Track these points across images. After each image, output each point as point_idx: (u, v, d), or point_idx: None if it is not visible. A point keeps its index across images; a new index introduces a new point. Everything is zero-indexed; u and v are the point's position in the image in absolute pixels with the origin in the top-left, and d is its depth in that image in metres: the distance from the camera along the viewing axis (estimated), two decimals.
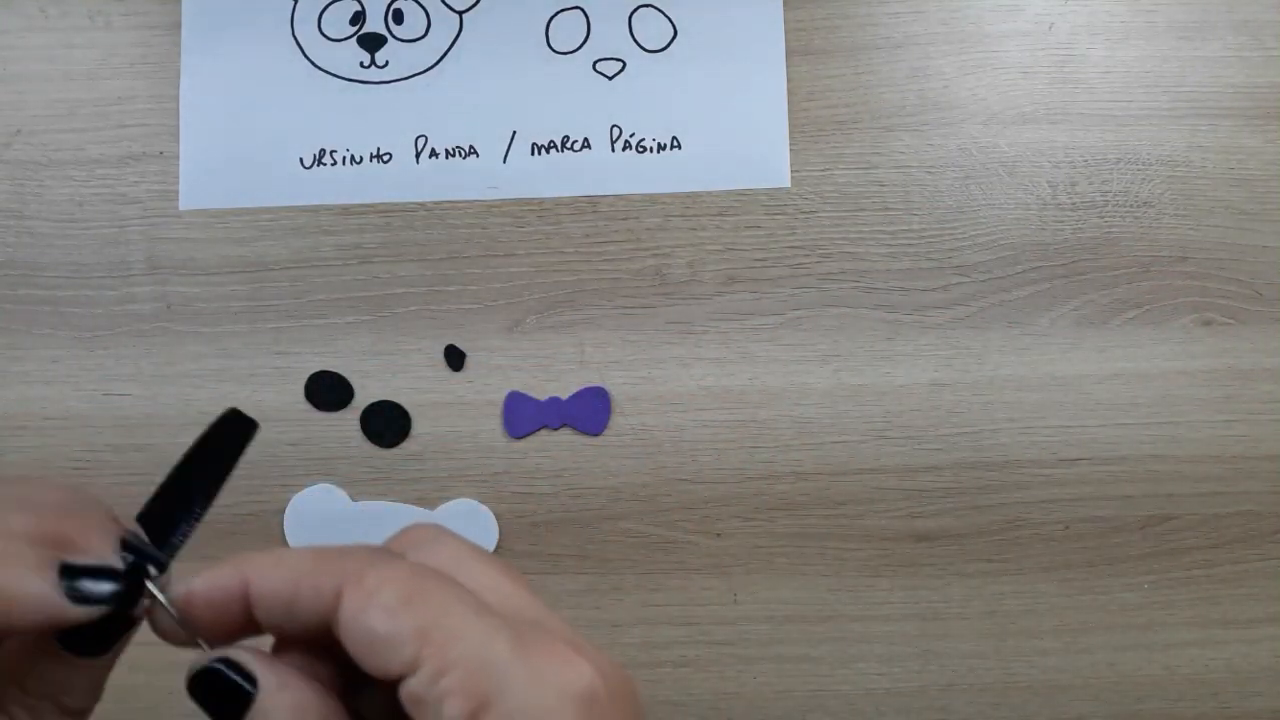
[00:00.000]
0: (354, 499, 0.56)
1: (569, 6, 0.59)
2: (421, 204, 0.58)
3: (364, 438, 0.57)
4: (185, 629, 0.23)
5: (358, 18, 0.59)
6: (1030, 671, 0.56)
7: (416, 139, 0.58)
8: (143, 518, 0.24)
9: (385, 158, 0.58)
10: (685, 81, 0.58)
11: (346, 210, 0.58)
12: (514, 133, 0.58)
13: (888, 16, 0.59)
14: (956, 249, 0.57)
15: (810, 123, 0.58)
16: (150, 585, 0.23)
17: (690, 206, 0.58)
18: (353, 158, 0.58)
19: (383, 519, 0.56)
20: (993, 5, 0.59)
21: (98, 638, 0.23)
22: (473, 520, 0.56)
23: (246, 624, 0.23)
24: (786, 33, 0.58)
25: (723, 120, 0.58)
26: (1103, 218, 0.58)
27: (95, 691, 0.26)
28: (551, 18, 0.59)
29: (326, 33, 0.59)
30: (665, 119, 0.58)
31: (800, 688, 0.56)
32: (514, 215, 0.58)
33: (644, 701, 0.25)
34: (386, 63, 0.59)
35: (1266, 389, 0.57)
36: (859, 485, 0.57)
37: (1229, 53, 0.58)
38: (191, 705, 0.23)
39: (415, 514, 0.56)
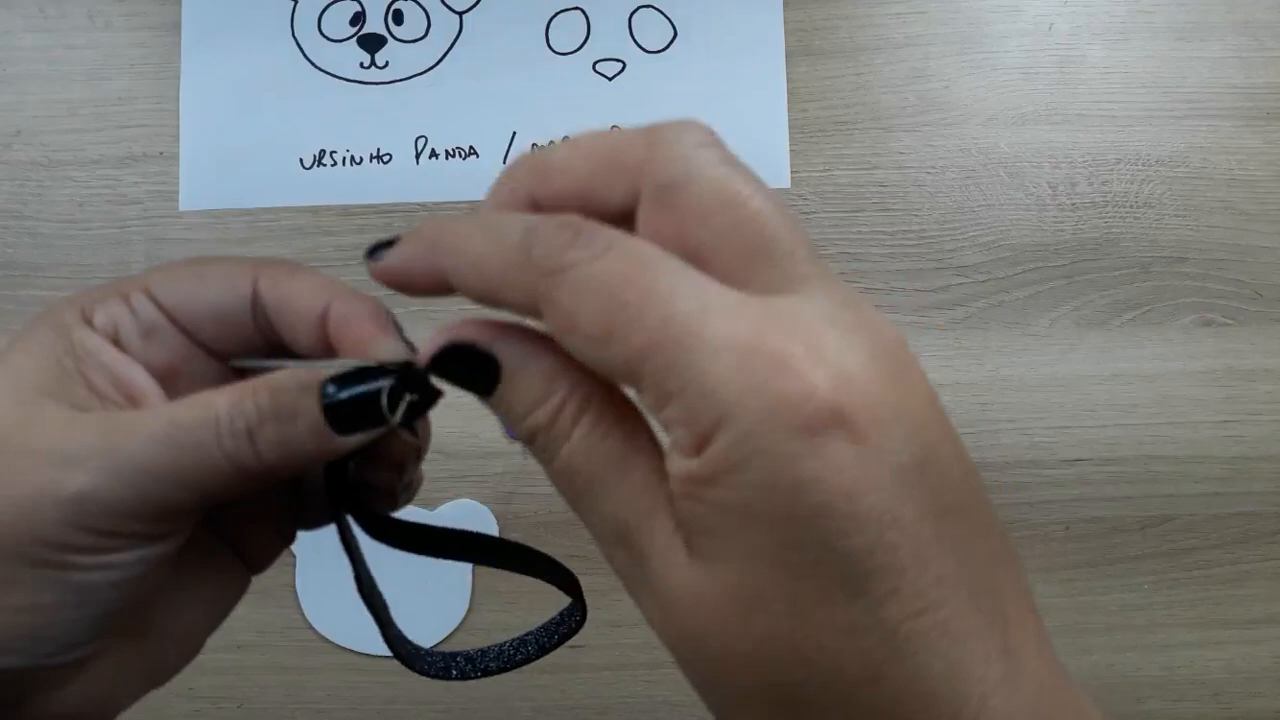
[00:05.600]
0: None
1: (569, 7, 0.59)
2: (421, 204, 0.58)
3: None
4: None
5: (358, 18, 0.59)
6: None
7: (416, 139, 0.58)
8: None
9: (385, 158, 0.58)
10: (685, 81, 0.58)
11: (346, 211, 0.58)
12: (514, 133, 0.58)
13: (888, 17, 0.59)
14: (956, 249, 0.57)
15: (810, 123, 0.58)
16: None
17: None
18: (353, 158, 0.58)
19: None
20: (993, 5, 0.59)
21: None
22: (473, 520, 0.56)
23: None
24: (786, 33, 0.58)
25: (723, 120, 0.58)
26: (1103, 218, 0.58)
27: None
28: (551, 18, 0.59)
29: (326, 33, 0.59)
30: (665, 119, 0.58)
31: None
32: None
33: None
34: (386, 63, 0.59)
35: (1266, 389, 0.57)
36: None
37: (1229, 53, 0.58)
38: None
39: (415, 514, 0.56)
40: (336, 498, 0.25)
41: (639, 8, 0.59)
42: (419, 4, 0.59)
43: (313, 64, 0.59)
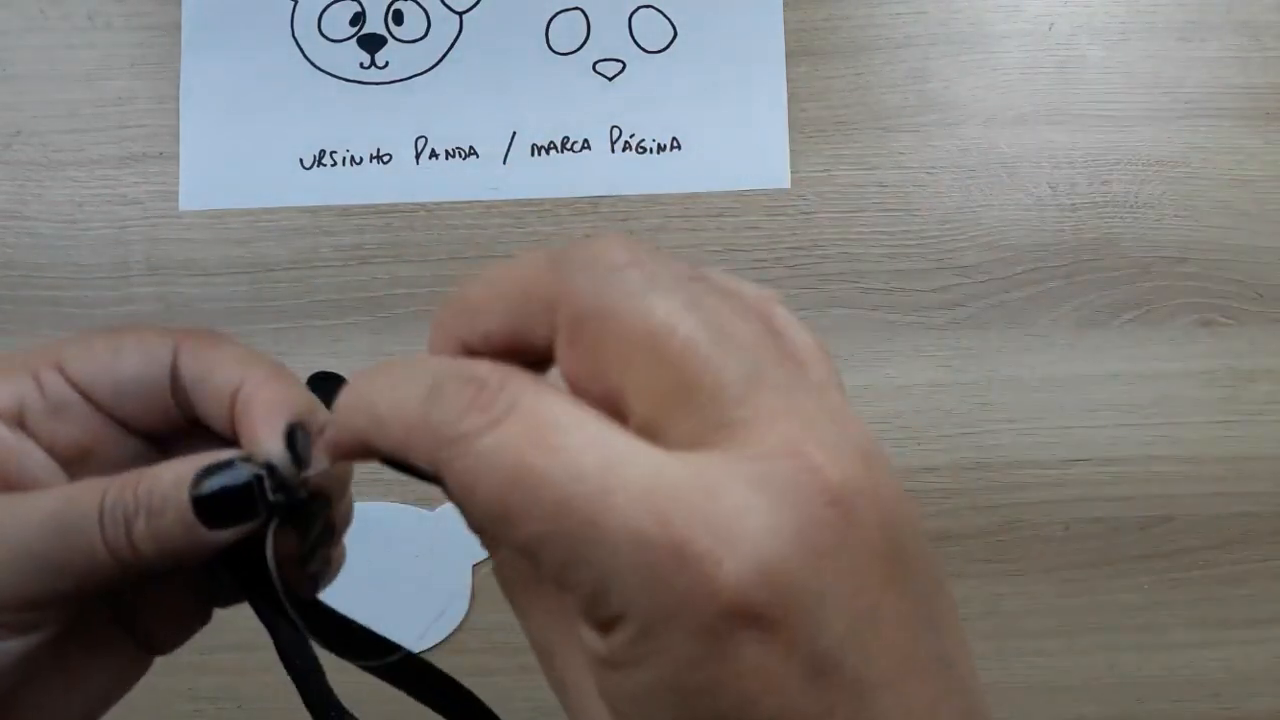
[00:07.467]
0: (354, 500, 0.56)
1: (569, 7, 0.59)
2: (421, 204, 0.58)
3: None
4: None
5: (358, 18, 0.59)
6: (1030, 671, 0.56)
7: (416, 139, 0.58)
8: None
9: (385, 158, 0.58)
10: (685, 81, 0.58)
11: (346, 211, 0.58)
12: (514, 133, 0.58)
13: (888, 16, 0.59)
14: (956, 249, 0.57)
15: (810, 123, 0.58)
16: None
17: (690, 207, 0.58)
18: (353, 158, 0.58)
19: (382, 519, 0.56)
20: (993, 5, 0.59)
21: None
22: None
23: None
24: (786, 33, 0.58)
25: (723, 120, 0.58)
26: (1103, 218, 0.58)
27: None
28: (551, 18, 0.59)
29: (326, 33, 0.59)
30: (665, 119, 0.58)
31: None
32: (514, 215, 0.58)
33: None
34: (386, 63, 0.59)
35: (1266, 389, 0.57)
36: None
37: (1229, 53, 0.58)
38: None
39: (415, 514, 0.56)
40: (241, 577, 0.24)
41: (639, 8, 0.59)
42: (419, 4, 0.59)
43: (313, 64, 0.59)
